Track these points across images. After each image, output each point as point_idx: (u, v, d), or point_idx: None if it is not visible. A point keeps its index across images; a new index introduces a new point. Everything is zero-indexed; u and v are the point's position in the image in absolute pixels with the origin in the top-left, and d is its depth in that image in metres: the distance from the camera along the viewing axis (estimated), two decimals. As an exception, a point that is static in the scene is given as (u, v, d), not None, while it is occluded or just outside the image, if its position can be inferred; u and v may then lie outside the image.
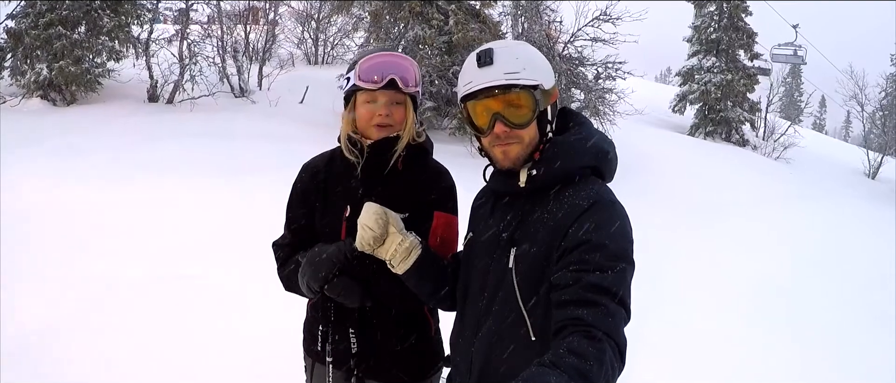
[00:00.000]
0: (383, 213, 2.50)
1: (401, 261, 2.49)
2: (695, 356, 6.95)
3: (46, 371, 5.20)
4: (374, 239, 2.48)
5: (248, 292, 6.57)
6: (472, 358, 2.38)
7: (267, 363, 5.31)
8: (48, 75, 14.70)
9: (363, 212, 2.50)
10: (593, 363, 1.83)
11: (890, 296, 9.93)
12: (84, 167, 10.10)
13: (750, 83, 28.15)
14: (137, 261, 7.33)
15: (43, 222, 7.92)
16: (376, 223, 2.47)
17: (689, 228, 12.06)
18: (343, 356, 2.80)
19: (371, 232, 2.46)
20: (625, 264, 2.10)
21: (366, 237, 2.48)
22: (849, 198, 18.91)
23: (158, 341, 5.78)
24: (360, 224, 2.48)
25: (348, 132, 2.74)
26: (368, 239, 2.48)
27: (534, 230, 2.25)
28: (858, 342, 8.23)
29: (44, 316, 5.99)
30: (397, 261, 2.49)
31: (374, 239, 2.48)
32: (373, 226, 2.46)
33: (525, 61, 2.28)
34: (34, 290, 6.43)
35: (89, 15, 15.13)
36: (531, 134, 2.29)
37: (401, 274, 2.51)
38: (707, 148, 22.90)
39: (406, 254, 2.49)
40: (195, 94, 15.88)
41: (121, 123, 13.45)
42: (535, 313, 2.20)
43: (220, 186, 9.77)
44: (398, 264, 2.50)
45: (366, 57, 2.69)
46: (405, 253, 2.48)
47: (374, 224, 2.46)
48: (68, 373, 5.20)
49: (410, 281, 2.54)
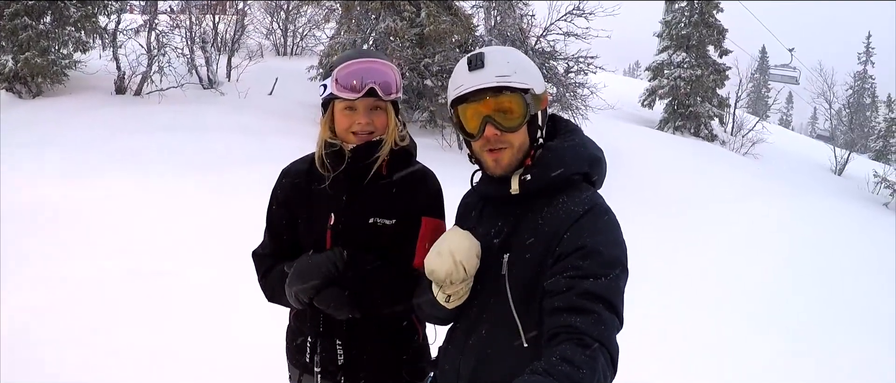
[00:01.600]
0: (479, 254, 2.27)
1: (457, 301, 2.32)
2: (665, 352, 6.96)
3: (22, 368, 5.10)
4: (462, 280, 2.26)
5: (225, 287, 6.51)
6: (461, 365, 2.35)
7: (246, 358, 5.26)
8: (14, 67, 14.51)
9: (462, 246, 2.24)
10: (586, 371, 1.85)
11: (863, 291, 10.08)
12: (53, 160, 10.00)
13: (719, 79, 28.34)
14: (110, 255, 7.27)
15: (10, 217, 7.78)
16: (474, 266, 2.25)
17: (661, 222, 12.13)
18: (330, 366, 2.75)
19: (461, 275, 2.23)
20: (619, 271, 2.10)
21: (455, 277, 2.23)
22: (818, 194, 19.15)
23: (134, 337, 5.72)
24: (457, 261, 2.21)
25: (326, 138, 2.65)
26: (459, 279, 2.24)
27: (527, 236, 2.23)
28: (832, 335, 8.35)
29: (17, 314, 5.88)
30: (455, 300, 2.31)
31: (462, 280, 2.26)
32: (470, 271, 2.25)
33: (516, 65, 2.27)
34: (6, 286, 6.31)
35: (55, 5, 14.96)
36: (522, 139, 2.27)
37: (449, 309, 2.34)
38: (677, 143, 23.06)
39: (466, 293, 2.32)
40: (163, 86, 15.74)
41: (89, 116, 13.32)
42: (528, 320, 2.18)
43: (192, 179, 9.72)
44: (453, 302, 2.32)
45: (343, 63, 2.58)
46: (466, 293, 2.32)
47: (472, 269, 2.25)
48: (44, 371, 5.12)
49: (441, 312, 2.39)
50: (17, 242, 7.28)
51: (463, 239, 2.25)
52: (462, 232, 2.30)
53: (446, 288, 2.27)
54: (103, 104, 14.61)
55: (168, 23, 17.45)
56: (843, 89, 38.97)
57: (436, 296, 2.33)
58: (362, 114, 2.59)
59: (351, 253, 2.62)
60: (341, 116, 2.61)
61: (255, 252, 2.89)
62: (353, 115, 2.59)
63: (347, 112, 2.59)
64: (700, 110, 27.58)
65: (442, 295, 2.30)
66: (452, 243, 2.24)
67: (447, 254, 2.21)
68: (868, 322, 9.05)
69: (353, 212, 2.67)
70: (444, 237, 2.30)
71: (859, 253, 12.70)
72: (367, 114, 2.59)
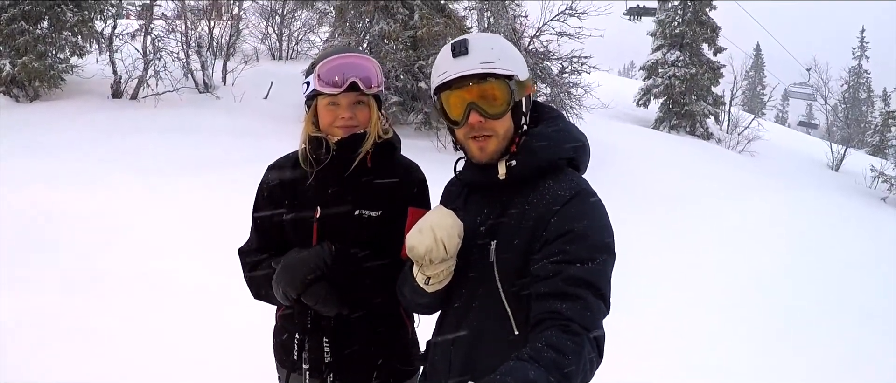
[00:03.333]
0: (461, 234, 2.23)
1: (438, 283, 2.29)
2: (662, 350, 7.00)
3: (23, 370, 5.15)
4: (442, 260, 2.22)
5: (220, 288, 6.51)
6: (452, 356, 2.35)
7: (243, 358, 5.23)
8: (11, 71, 14.50)
9: (444, 224, 2.20)
10: (571, 357, 1.85)
11: (862, 286, 10.08)
12: (50, 164, 10.00)
13: (714, 77, 28.26)
14: (106, 257, 7.33)
15: (9, 220, 7.83)
16: (455, 246, 2.21)
17: (657, 220, 12.13)
18: (317, 364, 2.75)
19: (441, 254, 2.18)
20: (606, 255, 2.12)
21: (435, 254, 2.18)
22: (815, 190, 19.09)
23: (132, 338, 5.78)
24: (438, 237, 2.16)
25: (310, 133, 2.67)
26: (438, 258, 2.19)
27: (515, 222, 2.22)
28: (831, 332, 8.35)
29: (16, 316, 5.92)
30: (435, 283, 2.28)
31: (442, 260, 2.22)
32: (451, 250, 2.20)
33: (500, 51, 2.27)
34: (5, 288, 6.35)
35: (52, 10, 14.96)
36: (506, 125, 2.27)
37: (429, 292, 2.31)
38: (672, 141, 22.98)
39: (447, 277, 2.29)
40: (159, 90, 15.70)
41: (85, 119, 13.33)
42: (518, 307, 2.18)
43: (187, 182, 9.74)
44: (433, 285, 2.29)
45: (325, 59, 2.63)
46: (448, 277, 2.29)
47: (453, 248, 2.21)
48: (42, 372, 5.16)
49: (424, 298, 2.37)
50: (15, 245, 7.32)
51: (445, 216, 2.22)
52: (445, 210, 2.27)
53: (426, 268, 2.23)
54: (100, 108, 14.62)
55: (164, 28, 17.41)
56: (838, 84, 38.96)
57: (415, 278, 2.30)
58: (345, 108, 2.62)
59: (339, 247, 2.62)
60: (325, 111, 2.64)
61: (240, 249, 2.91)
62: (337, 110, 2.63)
63: (331, 107, 2.63)
64: (695, 109, 27.48)
65: (422, 277, 2.27)
66: (434, 220, 2.21)
67: (428, 230, 2.17)
68: (867, 316, 9.05)
69: (338, 205, 2.69)
70: (427, 215, 2.27)
71: (857, 247, 12.71)
72: (350, 109, 2.63)
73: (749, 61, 51.85)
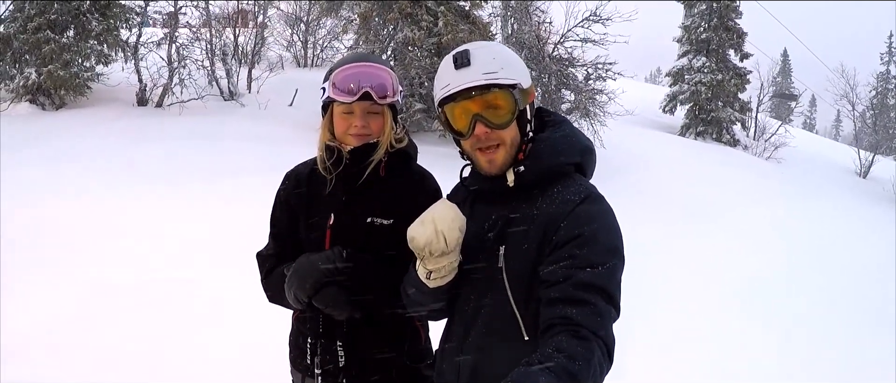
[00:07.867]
0: (463, 228, 2.21)
1: (439, 279, 2.27)
2: (687, 356, 6.96)
3: (39, 372, 5.17)
4: (442, 253, 2.19)
5: (240, 296, 6.49)
6: (461, 363, 2.32)
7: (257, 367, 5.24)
8: (37, 79, 14.69)
9: (445, 216, 2.18)
10: (581, 363, 1.83)
11: (887, 294, 9.97)
12: (74, 171, 10.09)
13: (740, 83, 28.08)
14: (128, 264, 7.35)
15: (34, 227, 7.89)
16: (456, 240, 2.19)
17: (682, 228, 12.06)
18: (331, 368, 2.74)
19: (441, 246, 2.17)
20: (616, 260, 2.09)
21: (435, 246, 2.17)
22: (842, 198, 18.96)
23: (149, 345, 5.77)
24: (438, 229, 2.15)
25: (325, 141, 2.68)
26: (438, 250, 2.17)
27: (524, 228, 2.20)
28: (854, 339, 8.29)
29: (36, 320, 5.98)
30: (437, 277, 2.26)
31: (442, 253, 2.19)
32: (452, 243, 2.18)
33: (502, 61, 2.24)
34: (27, 294, 6.42)
35: (78, 19, 15.13)
36: (512, 134, 2.25)
37: (430, 288, 2.29)
38: (698, 148, 22.92)
39: (449, 273, 2.26)
40: (184, 98, 15.85)
41: (110, 127, 13.45)
42: (528, 312, 2.16)
43: (210, 189, 9.78)
44: (435, 280, 2.26)
45: (340, 67, 2.62)
46: (450, 273, 2.26)
47: (454, 242, 2.19)
48: (60, 375, 5.17)
49: (428, 296, 2.34)
50: (36, 249, 7.41)
51: (448, 209, 2.20)
52: (448, 203, 2.24)
53: (427, 261, 2.22)
54: (125, 115, 14.77)
55: (188, 36, 17.58)
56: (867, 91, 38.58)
57: (417, 271, 2.28)
58: (359, 117, 2.60)
59: (350, 252, 2.61)
60: (339, 119, 2.63)
61: (259, 253, 2.92)
62: (350, 118, 2.61)
63: (345, 115, 2.61)
64: (721, 115, 27.32)
65: (423, 271, 2.25)
66: (436, 212, 2.19)
67: (429, 222, 2.16)
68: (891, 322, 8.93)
69: (351, 213, 2.68)
70: (430, 207, 2.24)
71: (883, 254, 12.60)
72: (363, 118, 2.60)
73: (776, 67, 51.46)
